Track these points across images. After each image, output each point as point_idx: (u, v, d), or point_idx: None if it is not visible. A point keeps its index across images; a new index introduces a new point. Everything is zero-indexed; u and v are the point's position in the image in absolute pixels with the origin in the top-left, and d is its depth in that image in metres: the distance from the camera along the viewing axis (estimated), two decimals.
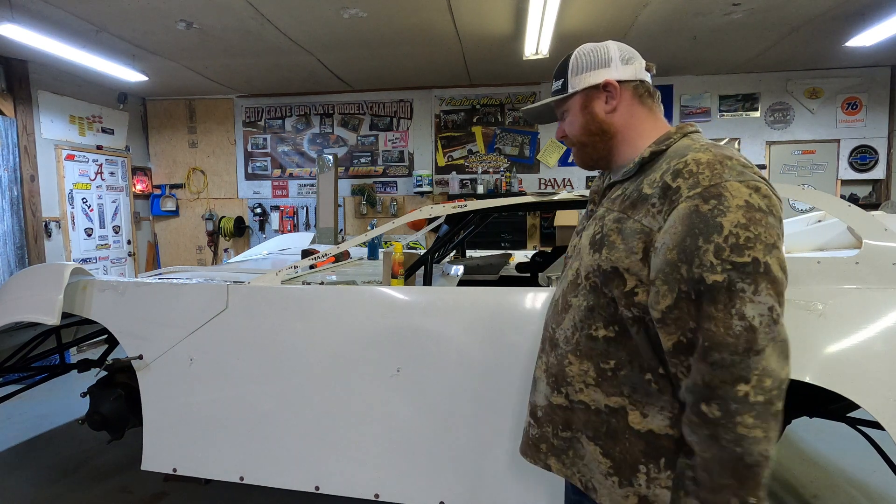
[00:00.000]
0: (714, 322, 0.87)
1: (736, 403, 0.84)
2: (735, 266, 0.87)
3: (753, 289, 0.87)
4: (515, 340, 1.78)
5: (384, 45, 4.97)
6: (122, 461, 3.03)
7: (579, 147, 1.20)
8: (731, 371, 0.85)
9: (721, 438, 0.85)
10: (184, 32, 4.53)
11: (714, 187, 0.91)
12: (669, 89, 6.31)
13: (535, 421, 1.21)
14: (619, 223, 1.04)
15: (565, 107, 1.20)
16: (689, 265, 0.90)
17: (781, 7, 4.18)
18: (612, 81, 1.12)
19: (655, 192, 0.99)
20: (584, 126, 1.17)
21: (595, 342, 1.07)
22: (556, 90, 1.20)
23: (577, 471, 1.13)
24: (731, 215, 0.88)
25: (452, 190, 6.62)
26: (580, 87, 1.15)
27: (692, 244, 0.90)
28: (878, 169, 6.05)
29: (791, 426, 2.24)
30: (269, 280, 2.10)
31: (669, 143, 1.08)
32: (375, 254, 3.62)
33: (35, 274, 2.38)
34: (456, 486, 1.85)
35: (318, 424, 1.97)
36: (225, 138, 7.04)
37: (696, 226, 0.90)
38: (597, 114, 1.15)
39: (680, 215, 0.93)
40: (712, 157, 0.96)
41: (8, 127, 5.04)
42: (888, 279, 1.61)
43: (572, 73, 1.16)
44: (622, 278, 1.01)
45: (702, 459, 0.88)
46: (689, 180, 0.94)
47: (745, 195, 0.90)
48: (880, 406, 1.43)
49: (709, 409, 0.87)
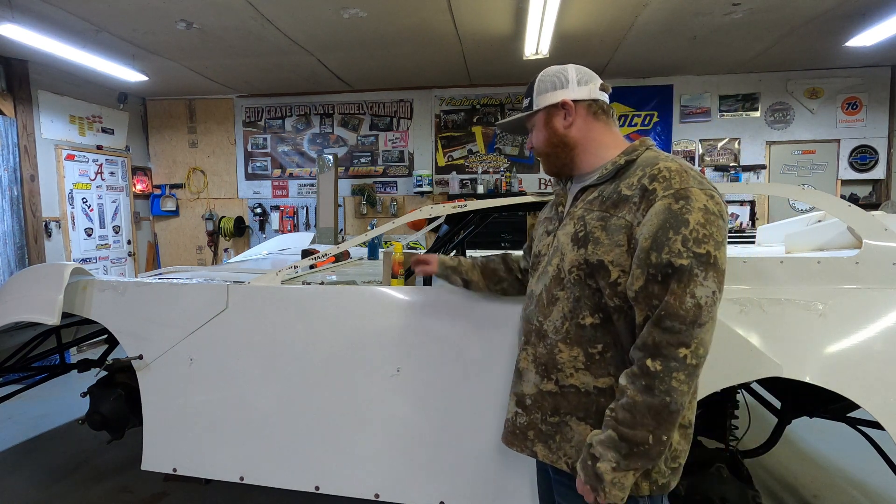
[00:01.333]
0: (673, 296, 1.05)
1: (675, 362, 1.04)
2: (695, 255, 1.05)
3: (704, 275, 1.05)
4: (516, 341, 1.78)
5: (384, 45, 4.97)
6: (122, 461, 3.03)
7: (544, 157, 1.37)
8: (677, 336, 1.04)
9: (655, 388, 1.04)
10: (184, 32, 4.53)
11: (683, 190, 1.09)
12: (669, 89, 6.30)
13: (524, 409, 1.30)
14: (602, 221, 1.18)
15: (531, 122, 1.37)
16: (659, 252, 1.07)
17: (781, 7, 4.18)
18: (567, 101, 1.29)
19: (635, 193, 1.15)
20: (546, 139, 1.33)
21: (583, 329, 1.20)
22: (524, 108, 1.38)
23: (564, 454, 1.22)
24: (695, 214, 1.07)
25: (452, 190, 6.63)
26: (542, 105, 1.32)
27: (663, 235, 1.07)
28: (878, 169, 6.05)
29: (791, 426, 2.24)
30: (269, 280, 2.10)
31: (637, 154, 1.23)
32: (375, 254, 3.62)
33: (35, 274, 2.38)
34: (456, 486, 1.85)
35: (318, 424, 1.97)
36: (225, 138, 7.04)
37: (668, 220, 1.08)
38: (557, 128, 1.31)
39: (656, 210, 1.10)
40: (678, 167, 1.15)
41: (8, 127, 5.04)
42: (888, 279, 1.61)
43: (536, 93, 1.34)
44: (607, 270, 1.15)
45: (630, 402, 1.06)
46: (663, 184, 1.12)
47: (704, 200, 1.09)
48: (880, 406, 1.44)
49: (653, 363, 1.05)
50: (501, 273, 1.66)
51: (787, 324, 1.60)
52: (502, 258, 1.68)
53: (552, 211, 1.41)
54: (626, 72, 6.04)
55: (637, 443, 1.05)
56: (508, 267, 1.66)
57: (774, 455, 2.93)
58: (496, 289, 1.69)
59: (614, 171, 1.22)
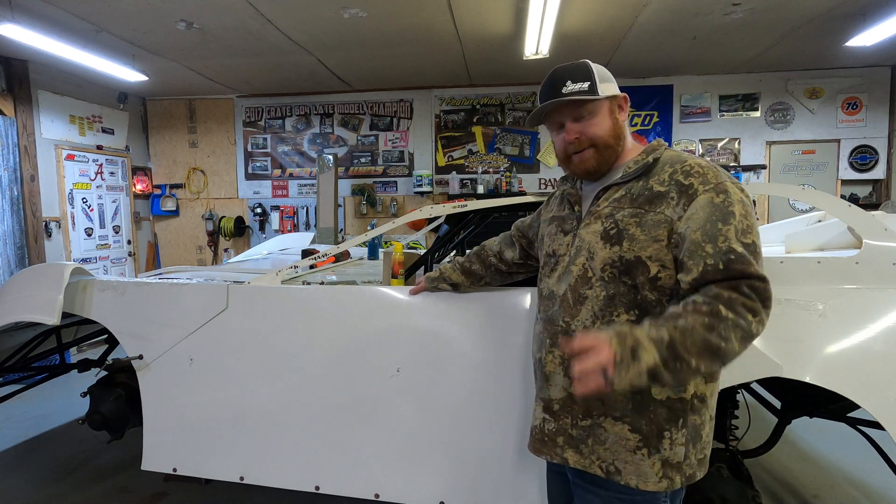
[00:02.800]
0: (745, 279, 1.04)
1: (744, 321, 1.02)
2: (745, 244, 1.06)
3: (757, 263, 1.06)
4: (516, 340, 1.78)
5: (384, 45, 4.97)
6: (122, 461, 3.03)
7: (602, 149, 1.25)
8: (751, 303, 1.03)
9: (717, 330, 1.01)
10: (184, 32, 4.53)
11: (721, 184, 1.12)
12: (669, 89, 6.30)
13: (551, 415, 1.27)
14: (637, 217, 1.17)
15: (590, 108, 1.24)
16: (715, 242, 1.07)
17: (781, 7, 4.17)
18: (626, 95, 1.29)
19: (671, 188, 1.16)
20: (611, 129, 1.26)
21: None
22: (580, 91, 1.22)
23: (598, 457, 1.20)
24: (736, 207, 1.10)
25: (452, 190, 6.62)
26: (608, 94, 1.25)
27: (713, 227, 1.08)
28: (878, 169, 6.05)
29: (791, 426, 2.24)
30: (269, 280, 2.10)
31: (660, 153, 1.24)
32: (375, 254, 3.62)
33: (35, 274, 2.39)
34: (456, 486, 1.85)
35: (318, 424, 1.97)
36: (225, 138, 7.04)
37: (714, 213, 1.09)
38: (619, 120, 1.28)
39: (700, 204, 1.11)
40: (707, 163, 1.17)
41: (8, 127, 5.04)
42: (888, 279, 1.61)
43: (599, 80, 1.24)
44: (645, 266, 1.15)
45: (689, 327, 1.02)
46: (699, 178, 1.14)
47: (740, 194, 1.13)
48: (880, 406, 1.43)
49: (726, 311, 1.02)
50: (479, 272, 1.75)
51: (787, 324, 1.59)
52: (477, 256, 1.75)
53: (563, 209, 1.37)
54: (626, 72, 6.03)
55: (680, 357, 1.00)
56: (485, 263, 1.73)
57: (774, 455, 2.92)
58: (480, 284, 1.80)
59: (642, 169, 1.22)
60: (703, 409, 1.18)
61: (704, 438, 1.19)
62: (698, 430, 1.18)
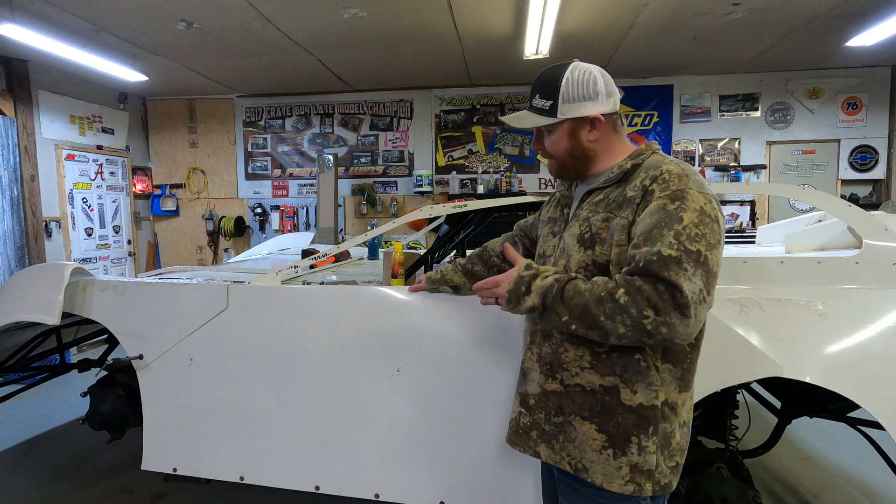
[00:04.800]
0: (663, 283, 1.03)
1: (636, 312, 1.03)
2: (685, 250, 1.04)
3: (693, 271, 1.03)
4: (516, 340, 1.78)
5: (384, 45, 4.97)
6: (122, 461, 3.03)
7: (559, 164, 1.32)
8: (657, 303, 1.01)
9: (604, 304, 1.06)
10: (184, 32, 4.53)
11: (680, 192, 1.11)
12: (669, 89, 6.30)
13: (527, 409, 1.30)
14: (606, 222, 1.20)
15: (548, 127, 1.29)
16: (650, 245, 1.06)
17: (781, 7, 4.18)
18: (598, 116, 1.24)
19: (637, 193, 1.16)
20: (568, 149, 1.28)
21: None
22: (542, 109, 1.27)
23: (567, 454, 1.22)
24: (689, 214, 1.07)
25: (452, 190, 6.63)
26: (569, 116, 1.24)
27: (657, 232, 1.07)
28: (878, 169, 6.05)
29: (791, 426, 2.24)
30: (269, 280, 2.10)
31: (643, 158, 1.23)
32: (375, 254, 3.62)
33: (35, 274, 2.39)
34: (456, 486, 1.85)
35: (318, 424, 1.97)
36: (225, 138, 7.04)
37: (663, 219, 1.08)
38: (581, 141, 1.26)
39: (651, 210, 1.11)
40: (681, 170, 1.15)
41: (8, 127, 5.04)
42: (888, 279, 1.61)
43: (563, 100, 1.24)
44: (611, 271, 1.17)
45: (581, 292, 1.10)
46: (662, 185, 1.13)
47: (702, 202, 1.10)
48: (880, 406, 1.43)
49: (624, 296, 1.04)
50: (482, 273, 1.72)
51: (787, 324, 1.60)
52: (479, 257, 1.74)
53: (557, 211, 1.40)
54: (626, 72, 6.04)
55: (555, 311, 1.12)
56: (488, 264, 1.72)
57: (774, 455, 2.93)
58: None
59: (621, 175, 1.23)
60: (673, 416, 1.19)
61: (674, 446, 1.18)
62: (668, 437, 1.18)
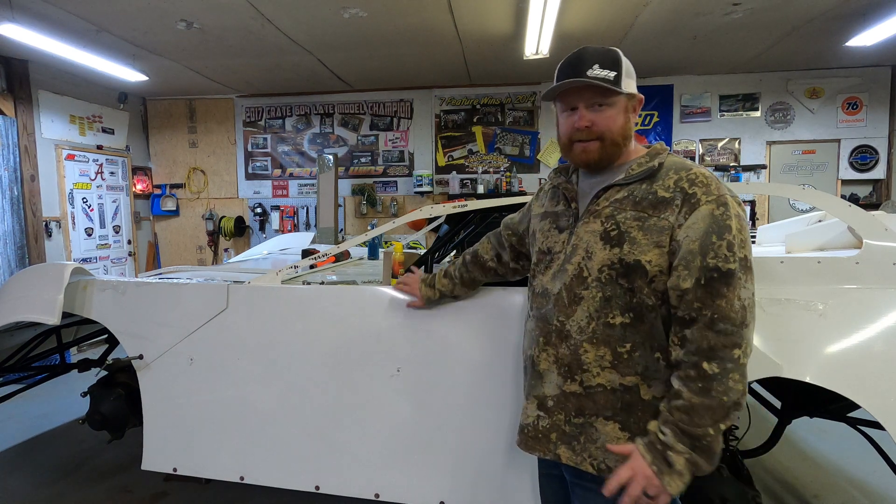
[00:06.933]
0: (724, 300, 1.09)
1: (731, 363, 1.08)
2: (738, 259, 1.11)
3: (745, 278, 1.12)
4: (516, 340, 1.78)
5: (384, 45, 4.97)
6: (122, 461, 3.03)
7: (609, 144, 1.23)
8: (731, 338, 1.09)
9: (713, 390, 1.08)
10: (184, 32, 4.53)
11: (722, 197, 1.15)
12: (669, 89, 6.30)
13: (545, 412, 1.28)
14: (640, 221, 1.18)
15: (608, 100, 1.21)
16: (705, 256, 1.11)
17: (781, 7, 4.17)
18: (642, 98, 1.28)
19: (675, 195, 1.17)
20: (622, 127, 1.23)
21: (612, 329, 1.19)
22: (605, 79, 1.18)
23: (589, 455, 1.21)
24: (734, 221, 1.13)
25: (452, 190, 6.62)
26: (628, 91, 1.23)
27: (708, 239, 1.11)
28: (878, 169, 6.05)
29: (791, 426, 2.24)
30: (269, 280, 2.10)
31: (664, 158, 1.23)
32: (375, 254, 3.62)
33: (35, 274, 2.38)
34: (456, 486, 1.85)
35: (319, 424, 1.97)
36: (225, 138, 7.04)
37: (713, 225, 1.12)
38: (629, 121, 1.25)
39: (702, 214, 1.13)
40: (710, 173, 1.20)
41: (8, 127, 5.04)
42: (888, 279, 1.61)
43: (625, 74, 1.22)
44: (644, 270, 1.16)
45: (687, 405, 1.09)
46: (702, 189, 1.16)
47: (737, 208, 1.16)
48: (880, 406, 1.43)
49: (709, 366, 1.08)
50: (481, 279, 1.76)
51: (787, 324, 1.59)
52: (475, 265, 1.73)
53: (558, 205, 1.35)
54: None
55: (698, 437, 1.08)
56: (485, 269, 1.72)
57: (774, 455, 2.92)
58: (477, 288, 1.83)
59: (647, 173, 1.21)
60: None
61: None
62: None
